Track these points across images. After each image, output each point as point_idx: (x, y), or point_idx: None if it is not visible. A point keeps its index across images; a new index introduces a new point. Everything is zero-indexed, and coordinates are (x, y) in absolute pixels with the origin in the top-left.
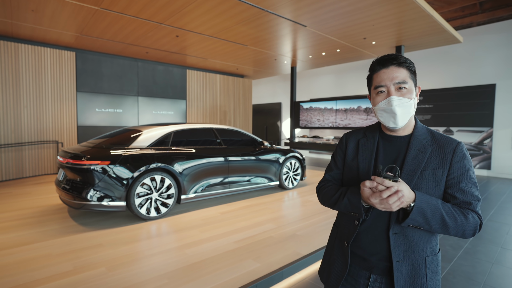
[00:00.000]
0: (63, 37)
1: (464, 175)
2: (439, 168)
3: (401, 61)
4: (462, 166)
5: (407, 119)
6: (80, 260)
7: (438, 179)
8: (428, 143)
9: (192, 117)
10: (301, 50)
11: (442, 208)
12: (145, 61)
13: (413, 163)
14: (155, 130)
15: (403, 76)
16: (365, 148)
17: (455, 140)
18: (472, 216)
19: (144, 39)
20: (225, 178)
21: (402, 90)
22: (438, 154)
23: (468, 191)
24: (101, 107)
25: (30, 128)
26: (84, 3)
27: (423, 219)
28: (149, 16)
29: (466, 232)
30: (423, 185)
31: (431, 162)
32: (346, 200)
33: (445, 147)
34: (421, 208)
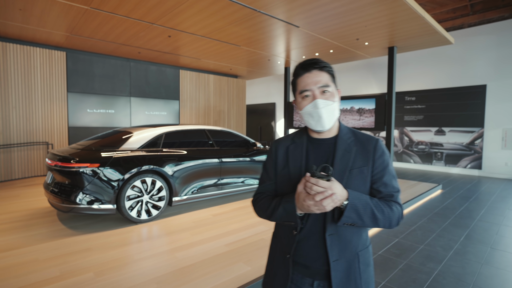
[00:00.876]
0: (53, 36)
1: (385, 170)
2: (364, 166)
3: (322, 65)
4: (383, 161)
5: (333, 121)
6: (68, 265)
7: (365, 176)
8: (352, 142)
9: (185, 118)
10: (295, 51)
11: (371, 202)
12: (137, 61)
13: (341, 163)
14: (146, 131)
15: (325, 80)
16: (295, 154)
17: (373, 138)
18: (396, 207)
19: (136, 39)
20: (218, 179)
21: (326, 94)
22: (361, 153)
23: (390, 184)
24: (93, 108)
25: (19, 129)
26: (73, 2)
27: (356, 215)
28: (140, 16)
29: (392, 223)
30: (352, 183)
31: (357, 160)
32: (282, 209)
33: (366, 145)
34: (354, 204)
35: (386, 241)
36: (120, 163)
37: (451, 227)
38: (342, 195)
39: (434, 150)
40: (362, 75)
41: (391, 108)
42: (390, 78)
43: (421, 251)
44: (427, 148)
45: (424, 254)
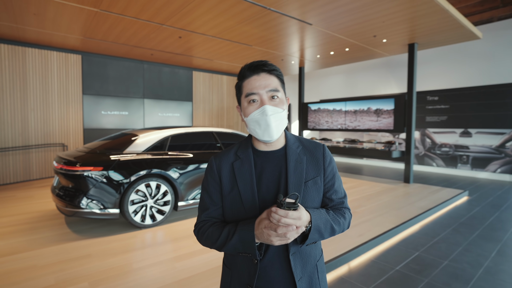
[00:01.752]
0: (69, 40)
1: (335, 176)
2: (317, 176)
3: (271, 69)
4: (332, 168)
5: (281, 131)
6: (64, 273)
7: (319, 186)
8: (301, 151)
9: (198, 119)
10: (309, 50)
11: (329, 218)
12: (150, 63)
13: (295, 176)
14: (152, 134)
15: (275, 84)
16: (243, 173)
17: (320, 144)
18: (347, 214)
19: (148, 40)
20: None
21: (275, 100)
22: (312, 162)
23: (339, 190)
24: (107, 110)
25: (37, 131)
26: (83, 5)
27: (319, 235)
28: (149, 17)
29: (345, 229)
30: (309, 196)
31: (309, 171)
32: (237, 239)
33: (315, 153)
34: (317, 226)
35: (404, 255)
36: (124, 166)
37: (480, 240)
38: (307, 220)
39: (459, 153)
40: (380, 74)
41: (411, 109)
42: (410, 77)
43: (445, 268)
44: (451, 151)
45: (449, 272)
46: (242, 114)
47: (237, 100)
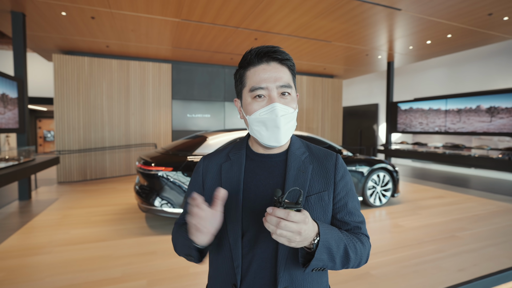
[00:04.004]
0: (160, 51)
1: (349, 194)
2: (324, 190)
3: (285, 57)
4: (346, 183)
5: (291, 134)
6: (130, 267)
7: (325, 204)
8: (307, 159)
9: None
10: (399, 41)
11: (344, 237)
12: (231, 67)
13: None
14: (220, 136)
15: (287, 78)
16: (230, 177)
17: (332, 153)
18: (367, 242)
19: (226, 45)
20: None
21: (286, 97)
22: (320, 173)
23: (356, 212)
24: (192, 113)
25: (136, 132)
26: (166, 17)
27: (328, 256)
28: (225, 21)
29: (362, 261)
30: (311, 214)
31: (314, 183)
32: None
33: (325, 162)
34: (326, 242)
35: None
36: (191, 168)
37: None
38: (313, 231)
39: None
40: (498, 64)
41: None
42: None
43: None
44: None
45: None
46: (242, 110)
47: (236, 92)
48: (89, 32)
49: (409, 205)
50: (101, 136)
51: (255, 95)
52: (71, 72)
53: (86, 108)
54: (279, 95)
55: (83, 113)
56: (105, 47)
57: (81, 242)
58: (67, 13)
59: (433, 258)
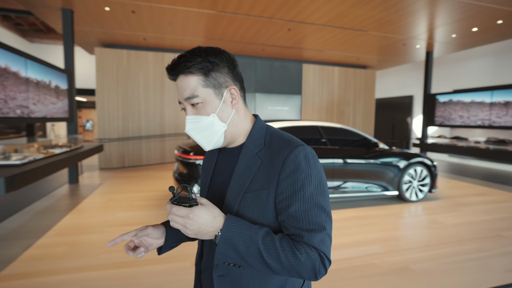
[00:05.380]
0: (195, 43)
1: (296, 195)
2: (263, 189)
3: (184, 67)
4: (293, 182)
5: (216, 138)
6: (174, 249)
7: (263, 203)
8: (260, 152)
9: (307, 113)
10: (440, 29)
11: (262, 240)
12: (262, 58)
13: (237, 182)
14: None
15: (191, 88)
16: (206, 169)
17: (291, 145)
18: (307, 254)
19: (259, 36)
20: (329, 182)
21: (196, 107)
22: (266, 168)
23: (302, 218)
24: None
25: (170, 123)
26: (202, 9)
27: (236, 254)
28: (259, 12)
29: (302, 274)
30: (247, 212)
31: (257, 180)
32: None
33: (275, 156)
34: (228, 239)
35: None
36: None
37: None
38: (213, 226)
39: None
40: None
41: None
42: None
43: None
44: None
45: None
46: None
47: None
48: (128, 25)
49: (448, 201)
50: (138, 125)
51: (181, 108)
52: (111, 64)
53: (124, 98)
54: (191, 107)
55: (121, 104)
56: (142, 39)
57: (127, 224)
58: (111, 8)
59: (477, 256)
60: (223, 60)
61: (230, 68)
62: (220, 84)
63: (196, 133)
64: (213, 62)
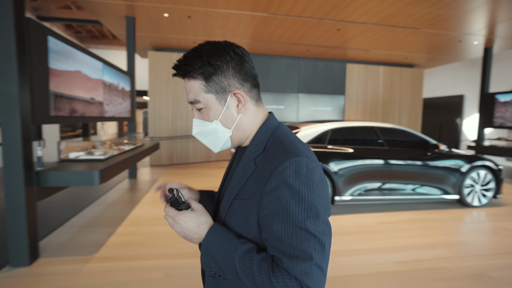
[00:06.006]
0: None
1: (279, 214)
2: (249, 199)
3: (184, 72)
4: (276, 198)
5: (221, 143)
6: None
7: (247, 215)
8: (258, 158)
9: (350, 113)
10: (503, 24)
11: (240, 258)
12: (306, 58)
13: (231, 186)
14: (313, 127)
15: (194, 92)
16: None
17: (285, 155)
18: (284, 283)
19: (306, 37)
20: (386, 183)
21: (200, 112)
22: (257, 177)
23: (285, 239)
24: (267, 104)
25: None
26: (256, 12)
27: (217, 266)
28: (311, 13)
29: None
30: (232, 221)
31: (246, 187)
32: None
33: (266, 165)
34: (208, 251)
35: None
36: None
37: None
38: (195, 232)
39: None
40: None
41: None
42: None
43: None
44: None
45: None
46: None
47: None
48: (182, 30)
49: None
50: (185, 125)
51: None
52: (162, 67)
53: (173, 99)
54: (197, 110)
55: (171, 104)
56: (192, 43)
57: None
58: (169, 14)
59: None
60: (227, 60)
61: (236, 68)
62: (223, 89)
63: (202, 137)
64: (214, 65)
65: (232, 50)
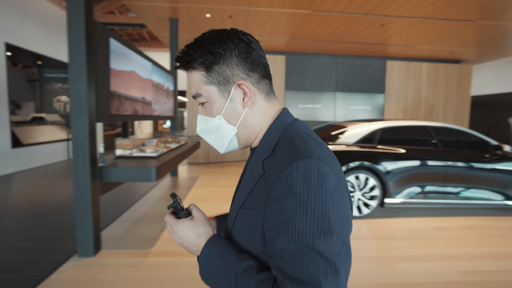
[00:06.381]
0: (278, 43)
1: (282, 229)
2: (253, 208)
3: (184, 63)
4: (281, 209)
5: (227, 141)
6: None
7: (251, 227)
8: (266, 160)
9: (390, 112)
10: None
11: (236, 277)
12: (344, 56)
13: (239, 194)
14: (361, 126)
15: (196, 85)
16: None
17: (294, 156)
18: None
19: (347, 34)
20: (441, 186)
21: (203, 106)
22: (263, 183)
23: (289, 259)
24: (303, 103)
25: None
26: (298, 9)
27: (213, 282)
28: (355, 9)
29: None
30: (237, 234)
31: (252, 195)
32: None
33: (273, 170)
34: (205, 265)
35: None
36: (337, 156)
37: None
38: (193, 244)
39: None
40: None
41: None
42: None
43: None
44: None
45: None
46: None
47: None
48: None
49: None
50: None
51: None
52: None
53: None
54: (201, 105)
55: None
56: None
57: None
58: (211, 15)
59: None
60: (230, 48)
61: (241, 56)
62: (226, 80)
63: (206, 135)
64: (216, 53)
65: (236, 36)
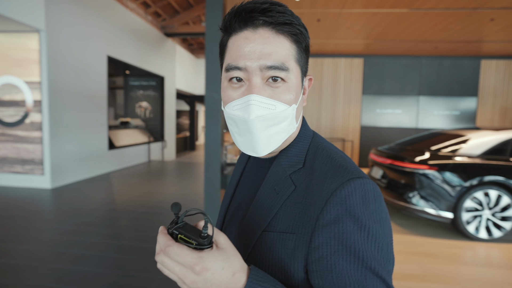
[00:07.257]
0: (357, 46)
1: (345, 255)
2: (291, 232)
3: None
4: (340, 234)
5: (279, 142)
6: (416, 265)
7: (287, 255)
8: (296, 174)
9: (485, 118)
10: None
11: None
12: (429, 57)
13: (257, 211)
14: (487, 135)
15: (281, 55)
16: (232, 177)
17: (344, 175)
18: None
19: (442, 32)
20: None
21: (276, 85)
22: (300, 202)
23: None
24: (382, 108)
25: (326, 127)
26: (396, 8)
27: None
28: (464, 4)
29: None
30: (264, 260)
31: (284, 216)
32: None
33: (316, 188)
34: None
35: None
36: (460, 169)
37: None
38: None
39: None
40: None
41: None
42: None
43: None
44: None
45: None
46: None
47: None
48: None
49: None
50: None
51: (230, 77)
52: None
53: None
54: (266, 81)
55: None
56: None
57: None
58: None
59: None
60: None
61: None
62: (305, 67)
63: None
64: (305, 34)
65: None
